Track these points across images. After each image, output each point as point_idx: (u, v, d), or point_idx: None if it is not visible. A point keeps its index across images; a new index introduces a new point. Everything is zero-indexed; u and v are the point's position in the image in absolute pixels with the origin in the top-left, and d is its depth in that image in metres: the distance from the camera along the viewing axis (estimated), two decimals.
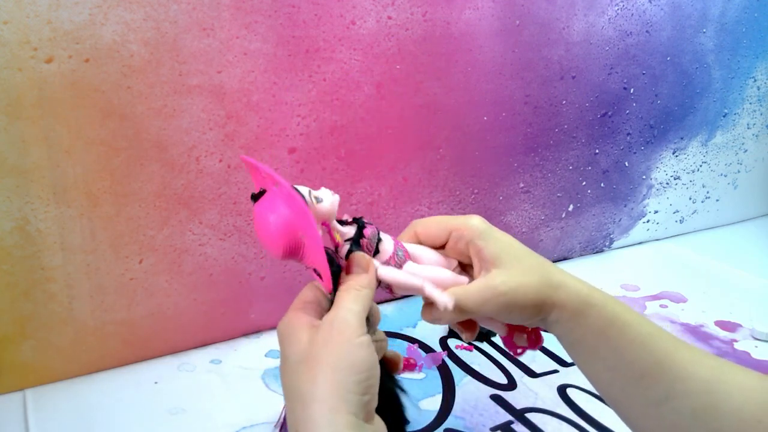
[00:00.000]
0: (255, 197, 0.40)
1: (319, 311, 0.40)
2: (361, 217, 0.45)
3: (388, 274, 0.44)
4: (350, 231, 0.44)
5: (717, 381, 0.40)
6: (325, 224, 0.42)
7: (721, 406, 0.39)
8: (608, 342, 0.43)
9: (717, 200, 1.12)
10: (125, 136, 0.62)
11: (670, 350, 0.42)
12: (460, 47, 0.78)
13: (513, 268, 0.44)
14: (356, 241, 0.43)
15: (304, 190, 0.40)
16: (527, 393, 0.67)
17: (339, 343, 0.35)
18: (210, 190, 0.68)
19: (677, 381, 0.40)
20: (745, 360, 0.74)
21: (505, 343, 0.50)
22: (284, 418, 0.59)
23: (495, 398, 0.66)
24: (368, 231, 0.44)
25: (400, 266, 0.45)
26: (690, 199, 1.09)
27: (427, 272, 0.45)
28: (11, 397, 0.64)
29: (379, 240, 0.45)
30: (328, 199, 0.41)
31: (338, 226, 0.43)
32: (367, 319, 0.40)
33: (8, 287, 0.61)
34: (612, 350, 0.42)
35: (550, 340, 0.50)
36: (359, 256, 0.42)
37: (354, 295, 0.38)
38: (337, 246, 0.43)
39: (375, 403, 0.36)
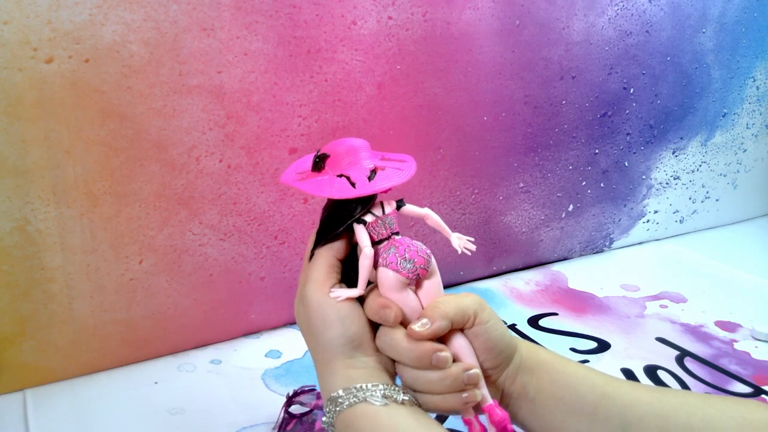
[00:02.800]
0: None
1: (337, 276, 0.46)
2: (401, 199, 0.47)
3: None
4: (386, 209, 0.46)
5: (659, 402, 0.42)
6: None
7: (670, 425, 0.41)
8: (559, 377, 0.45)
9: (717, 200, 1.12)
10: (125, 136, 0.62)
11: (607, 381, 0.45)
12: (460, 47, 0.78)
13: None
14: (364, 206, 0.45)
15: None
16: None
17: (312, 313, 0.44)
18: (210, 190, 0.68)
19: (626, 407, 0.42)
20: (745, 360, 0.74)
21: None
22: (283, 419, 0.59)
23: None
24: (373, 220, 0.45)
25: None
26: (690, 199, 1.09)
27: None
28: (11, 397, 0.64)
29: (385, 240, 0.45)
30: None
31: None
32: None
33: (8, 287, 0.61)
34: (564, 386, 0.44)
35: None
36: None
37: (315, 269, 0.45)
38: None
39: (368, 341, 0.44)
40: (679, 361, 0.73)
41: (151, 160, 0.64)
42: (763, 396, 0.68)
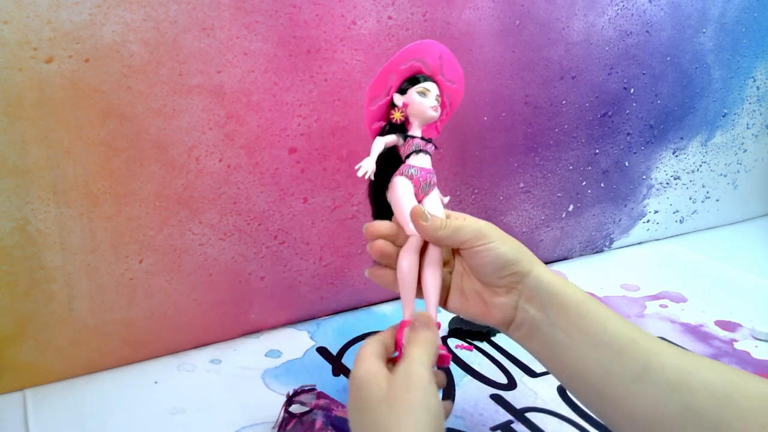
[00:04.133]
0: None
1: (386, 356, 0.47)
2: (430, 140, 0.54)
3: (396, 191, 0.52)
4: (415, 133, 0.54)
5: (685, 357, 0.43)
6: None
7: (692, 379, 0.41)
8: (588, 313, 0.46)
9: (717, 200, 1.12)
10: (125, 136, 0.62)
11: (638, 330, 0.45)
12: (460, 47, 0.78)
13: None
14: (402, 135, 0.54)
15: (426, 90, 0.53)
16: (527, 393, 0.67)
17: (416, 388, 0.42)
18: (210, 190, 0.68)
19: (651, 354, 0.43)
20: (745, 360, 0.74)
21: None
22: (283, 419, 0.59)
23: (495, 398, 0.66)
24: (413, 141, 0.53)
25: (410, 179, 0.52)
26: (690, 199, 1.09)
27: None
28: (11, 397, 0.64)
29: (414, 153, 0.53)
30: (419, 104, 0.52)
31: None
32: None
33: (8, 287, 0.61)
34: (592, 322, 0.45)
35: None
36: (422, 315, 0.47)
37: (423, 348, 0.44)
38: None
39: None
40: None
41: (151, 160, 0.64)
42: None
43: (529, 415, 0.63)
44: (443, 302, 0.53)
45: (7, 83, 0.56)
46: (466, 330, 0.77)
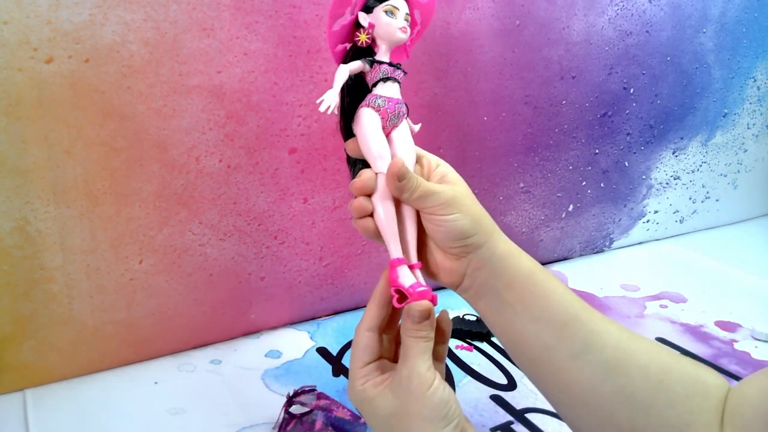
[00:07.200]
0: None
1: (378, 359, 0.45)
2: (398, 66, 0.49)
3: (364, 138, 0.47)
4: (382, 58, 0.48)
5: (627, 339, 0.43)
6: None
7: (629, 362, 0.42)
8: (535, 287, 0.45)
9: (717, 200, 1.12)
10: (125, 136, 0.62)
11: (584, 307, 0.45)
12: (460, 47, 0.78)
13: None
14: (369, 60, 0.48)
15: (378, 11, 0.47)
16: (527, 393, 0.67)
17: (420, 394, 0.41)
18: (210, 190, 0.68)
19: (593, 334, 0.43)
20: (745, 360, 0.74)
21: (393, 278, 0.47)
22: (283, 419, 0.59)
23: (495, 398, 0.66)
24: (380, 67, 0.48)
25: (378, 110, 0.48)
26: (690, 199, 1.09)
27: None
28: (11, 397, 0.64)
29: (381, 81, 0.48)
30: (387, 25, 0.46)
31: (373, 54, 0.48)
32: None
33: (8, 287, 0.61)
34: (538, 297, 0.45)
35: None
36: (420, 306, 0.43)
37: (422, 347, 0.43)
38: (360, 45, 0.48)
39: (463, 420, 0.42)
40: None
41: (151, 160, 0.64)
42: None
43: (529, 416, 0.63)
44: None
45: (7, 83, 0.56)
46: (466, 330, 0.77)
